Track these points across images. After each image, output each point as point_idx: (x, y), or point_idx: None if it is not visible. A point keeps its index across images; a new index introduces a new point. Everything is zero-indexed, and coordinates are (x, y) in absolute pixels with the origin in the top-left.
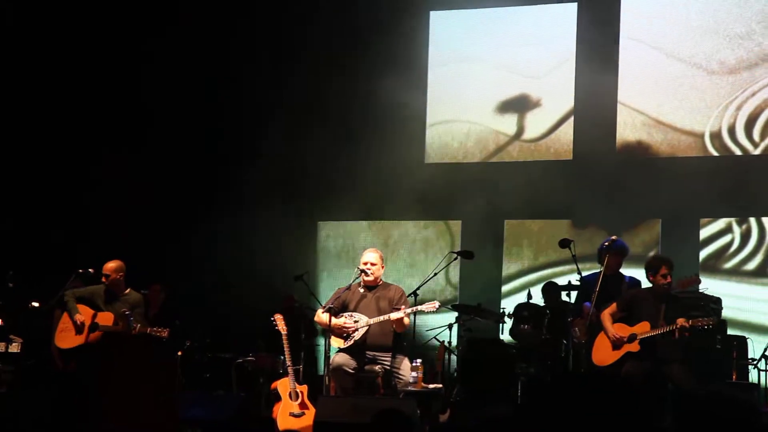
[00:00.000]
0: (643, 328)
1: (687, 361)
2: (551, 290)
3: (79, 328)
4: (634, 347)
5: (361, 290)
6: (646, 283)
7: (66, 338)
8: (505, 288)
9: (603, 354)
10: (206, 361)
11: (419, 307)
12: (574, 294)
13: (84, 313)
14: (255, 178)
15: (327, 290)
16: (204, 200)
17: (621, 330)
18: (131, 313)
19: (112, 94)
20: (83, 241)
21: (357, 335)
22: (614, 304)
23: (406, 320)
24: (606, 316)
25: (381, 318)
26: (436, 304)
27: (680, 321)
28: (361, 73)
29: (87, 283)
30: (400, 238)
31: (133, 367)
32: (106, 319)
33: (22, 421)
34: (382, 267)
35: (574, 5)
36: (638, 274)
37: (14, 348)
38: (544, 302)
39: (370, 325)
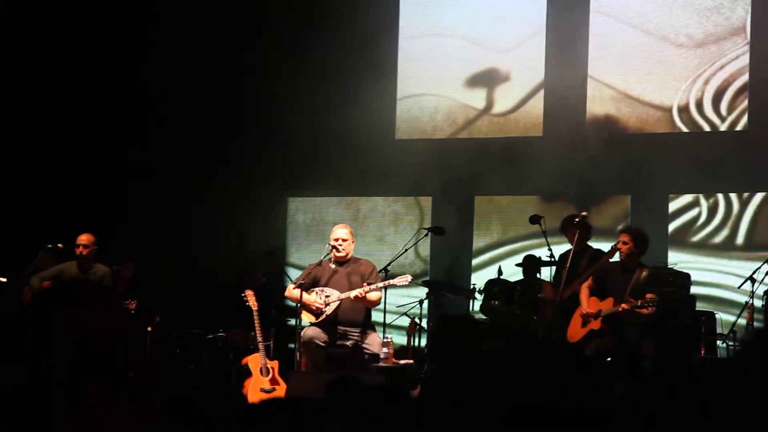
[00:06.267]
0: (607, 305)
1: (655, 336)
2: (530, 264)
3: None
4: (596, 325)
5: (332, 266)
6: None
7: None
8: (475, 262)
9: (573, 329)
10: (176, 336)
11: (391, 281)
12: (552, 269)
13: None
14: (226, 157)
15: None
16: (175, 177)
17: (593, 305)
18: None
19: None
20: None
21: (329, 310)
22: (591, 277)
23: (378, 295)
24: (584, 289)
25: (353, 293)
26: (408, 277)
27: (648, 296)
28: (332, 47)
29: (57, 259)
30: (369, 213)
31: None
32: None
33: None
34: (353, 242)
35: None
36: (607, 247)
37: None
38: (523, 275)
39: (341, 300)
